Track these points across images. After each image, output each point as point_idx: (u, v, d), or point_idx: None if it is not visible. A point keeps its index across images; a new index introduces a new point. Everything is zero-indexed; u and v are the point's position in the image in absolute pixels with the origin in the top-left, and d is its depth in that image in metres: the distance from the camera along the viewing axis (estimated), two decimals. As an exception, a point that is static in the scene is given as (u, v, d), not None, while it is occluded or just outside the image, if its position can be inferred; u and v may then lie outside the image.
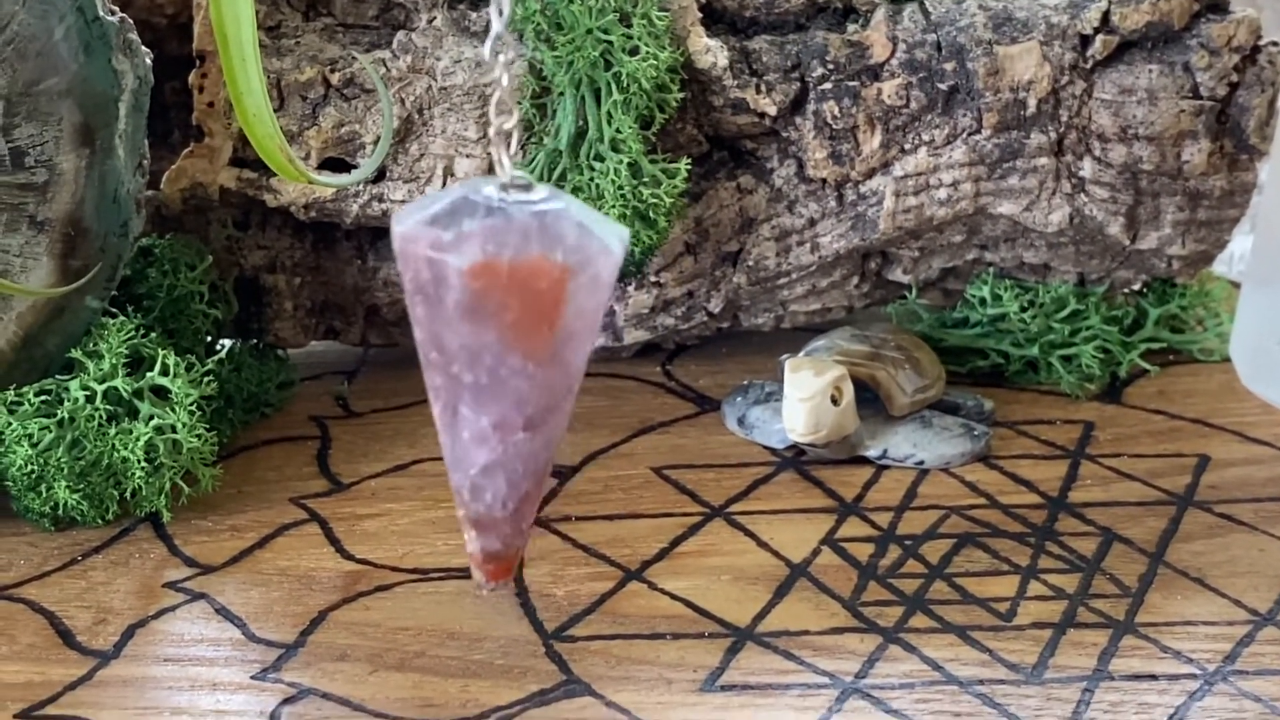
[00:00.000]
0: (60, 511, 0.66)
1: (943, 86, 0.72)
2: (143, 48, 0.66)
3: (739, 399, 0.75)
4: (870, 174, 0.73)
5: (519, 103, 0.71)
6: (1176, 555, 0.63)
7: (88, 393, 0.66)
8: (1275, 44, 0.73)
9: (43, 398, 0.66)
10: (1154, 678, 0.56)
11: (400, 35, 0.72)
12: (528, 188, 0.44)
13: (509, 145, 0.46)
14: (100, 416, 0.66)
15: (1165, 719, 0.54)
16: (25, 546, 0.66)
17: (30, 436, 0.65)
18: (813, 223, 0.75)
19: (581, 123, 0.71)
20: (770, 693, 0.56)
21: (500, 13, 0.45)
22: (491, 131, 0.46)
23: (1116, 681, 0.56)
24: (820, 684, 0.56)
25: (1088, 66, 0.72)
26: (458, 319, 0.43)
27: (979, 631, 0.59)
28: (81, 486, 0.65)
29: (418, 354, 0.46)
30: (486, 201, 0.44)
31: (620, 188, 0.69)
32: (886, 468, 0.70)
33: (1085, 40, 0.71)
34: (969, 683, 0.56)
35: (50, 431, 0.65)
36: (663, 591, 0.62)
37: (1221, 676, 0.56)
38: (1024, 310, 0.76)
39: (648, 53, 0.69)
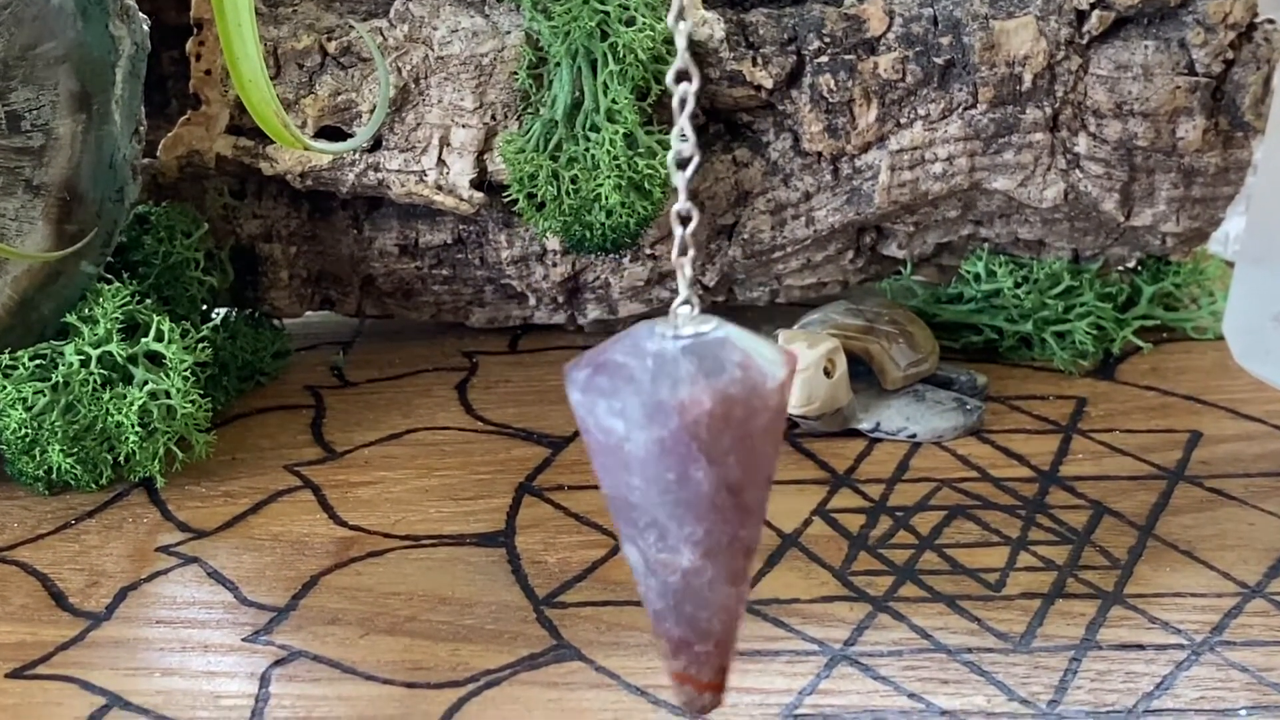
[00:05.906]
0: (54, 475, 0.66)
1: (939, 61, 0.72)
2: (140, 14, 0.66)
3: (733, 372, 0.75)
4: (866, 148, 0.73)
5: (514, 74, 0.72)
6: (1166, 528, 0.63)
7: (82, 357, 0.66)
8: (1271, 21, 0.73)
9: (37, 362, 0.66)
10: (1141, 647, 0.56)
11: (397, 4, 0.72)
12: (697, 319, 0.43)
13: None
14: (95, 381, 0.66)
15: (1152, 688, 0.54)
16: (19, 510, 0.66)
17: (24, 400, 0.65)
18: (808, 196, 0.75)
19: (578, 93, 0.71)
20: (760, 659, 0.56)
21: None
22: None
23: (1104, 651, 0.56)
24: (809, 650, 0.56)
25: (1083, 42, 0.72)
26: (630, 461, 0.43)
27: (968, 601, 0.59)
28: (75, 451, 0.66)
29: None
30: (653, 340, 0.43)
31: (616, 158, 0.69)
32: (879, 440, 0.70)
33: (1081, 16, 0.71)
34: (957, 651, 0.56)
35: (44, 395, 0.65)
36: (654, 559, 0.62)
37: (1209, 647, 0.56)
38: (1018, 286, 0.76)
39: (644, 23, 0.69)
